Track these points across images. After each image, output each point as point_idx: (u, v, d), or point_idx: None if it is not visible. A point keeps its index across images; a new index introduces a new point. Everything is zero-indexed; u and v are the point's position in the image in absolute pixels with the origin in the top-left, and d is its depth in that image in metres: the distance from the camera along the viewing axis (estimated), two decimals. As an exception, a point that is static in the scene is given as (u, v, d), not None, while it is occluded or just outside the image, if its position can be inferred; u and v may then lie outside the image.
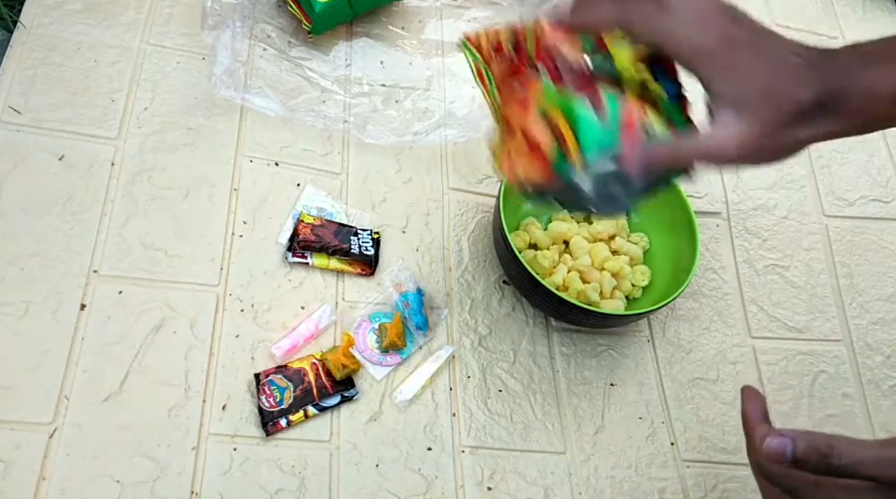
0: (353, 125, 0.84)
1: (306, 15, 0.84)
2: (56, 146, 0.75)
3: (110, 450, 0.63)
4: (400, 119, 0.86)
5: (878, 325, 0.87)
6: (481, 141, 0.86)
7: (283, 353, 0.70)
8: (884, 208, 0.97)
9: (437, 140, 0.85)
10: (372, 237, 0.77)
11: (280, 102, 0.82)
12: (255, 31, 0.88)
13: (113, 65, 0.81)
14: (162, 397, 0.66)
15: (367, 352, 0.72)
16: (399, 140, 0.84)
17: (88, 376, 0.66)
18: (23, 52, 0.79)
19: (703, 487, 0.74)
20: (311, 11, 0.83)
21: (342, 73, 0.88)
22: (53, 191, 0.73)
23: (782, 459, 0.42)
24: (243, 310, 0.72)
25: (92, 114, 0.78)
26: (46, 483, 0.61)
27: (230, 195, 0.77)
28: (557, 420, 0.74)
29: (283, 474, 0.65)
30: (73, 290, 0.69)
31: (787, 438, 0.42)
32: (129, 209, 0.74)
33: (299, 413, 0.67)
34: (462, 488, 0.69)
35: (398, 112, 0.87)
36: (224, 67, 0.79)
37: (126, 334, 0.68)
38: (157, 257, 0.72)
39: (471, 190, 0.85)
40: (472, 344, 0.76)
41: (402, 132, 0.85)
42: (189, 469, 0.64)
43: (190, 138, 0.79)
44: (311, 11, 0.83)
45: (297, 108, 0.83)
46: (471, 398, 0.73)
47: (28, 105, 0.76)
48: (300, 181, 0.80)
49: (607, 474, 0.73)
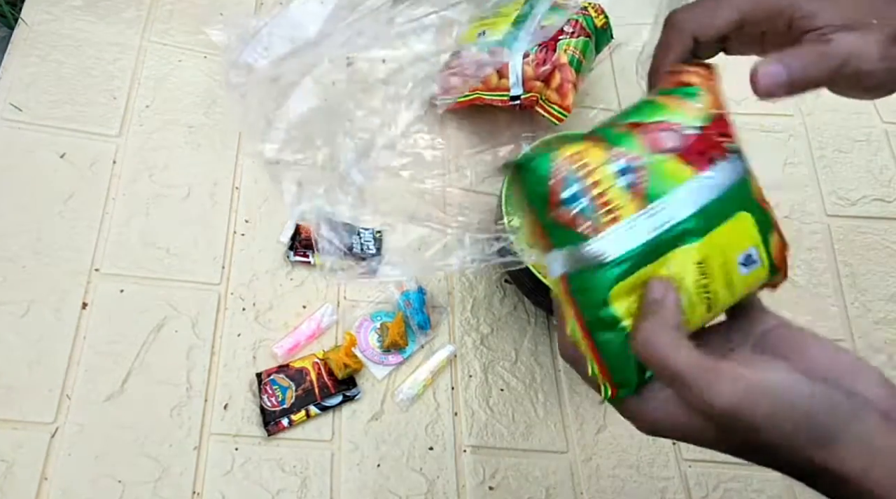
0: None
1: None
2: (57, 144, 0.75)
3: (112, 450, 0.63)
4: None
5: (880, 325, 0.87)
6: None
7: (284, 352, 0.70)
8: (886, 208, 0.97)
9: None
10: (374, 236, 0.77)
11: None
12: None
13: (114, 62, 0.81)
14: (163, 396, 0.66)
15: (369, 351, 0.72)
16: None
17: (90, 375, 0.66)
18: (24, 49, 0.79)
19: (705, 486, 0.74)
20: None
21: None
22: (55, 189, 0.73)
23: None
24: (245, 309, 0.72)
25: (93, 111, 0.77)
26: (48, 483, 0.61)
27: (232, 194, 0.77)
28: (559, 420, 0.74)
29: (284, 474, 0.65)
30: (75, 288, 0.69)
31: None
32: (130, 207, 0.74)
33: (301, 413, 0.67)
34: (463, 487, 0.69)
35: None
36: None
37: (127, 333, 0.68)
38: (159, 256, 0.72)
39: (472, 189, 0.85)
40: (473, 343, 0.76)
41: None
42: (191, 469, 0.64)
43: (191, 137, 0.79)
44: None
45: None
46: (472, 398, 0.73)
47: (29, 102, 0.76)
48: (302, 180, 0.80)
49: (609, 473, 0.73)
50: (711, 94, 0.42)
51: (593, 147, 0.40)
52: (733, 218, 0.41)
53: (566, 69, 0.81)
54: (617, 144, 0.40)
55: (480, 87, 0.83)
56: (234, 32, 0.80)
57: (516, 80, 0.82)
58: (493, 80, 0.83)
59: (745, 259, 0.42)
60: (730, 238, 0.41)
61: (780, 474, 0.35)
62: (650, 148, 0.40)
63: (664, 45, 0.45)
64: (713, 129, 0.41)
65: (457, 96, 0.84)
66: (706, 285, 0.40)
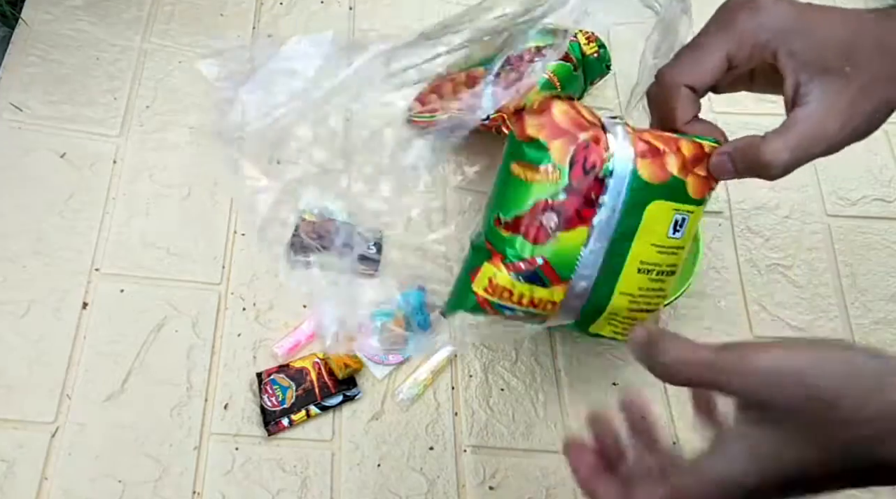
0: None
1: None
2: (57, 144, 0.75)
3: (112, 449, 0.63)
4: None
5: (880, 325, 0.87)
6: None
7: (284, 352, 0.70)
8: (886, 208, 0.97)
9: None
10: (374, 236, 0.77)
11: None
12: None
13: (114, 62, 0.81)
14: (164, 396, 0.66)
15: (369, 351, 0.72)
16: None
17: (90, 375, 0.66)
18: (24, 49, 0.79)
19: (705, 487, 0.74)
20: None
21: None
22: (55, 189, 0.73)
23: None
24: (245, 309, 0.72)
25: (93, 111, 0.78)
26: (48, 483, 0.61)
27: (233, 193, 0.77)
28: (559, 420, 0.74)
29: (284, 474, 0.65)
30: (75, 288, 0.69)
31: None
32: (130, 207, 0.74)
33: (301, 413, 0.67)
34: (464, 487, 0.69)
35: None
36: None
37: (128, 333, 0.68)
38: (159, 256, 0.72)
39: (473, 188, 0.85)
40: (473, 343, 0.76)
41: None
42: (191, 469, 0.64)
43: (192, 137, 0.79)
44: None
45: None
46: (472, 397, 0.73)
47: (29, 102, 0.76)
48: (302, 180, 0.80)
49: (609, 473, 0.73)
50: (555, 137, 0.44)
51: (497, 270, 0.45)
52: (646, 214, 0.44)
53: (534, 91, 0.79)
54: (512, 259, 0.45)
55: (453, 105, 0.82)
56: (226, 68, 0.79)
57: (488, 100, 0.80)
58: (464, 98, 0.82)
59: (675, 228, 0.46)
60: (652, 228, 0.45)
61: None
62: (537, 241, 0.44)
63: (664, 106, 0.46)
64: (576, 175, 0.43)
65: (432, 114, 0.83)
66: (655, 270, 0.45)
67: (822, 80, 0.42)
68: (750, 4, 0.42)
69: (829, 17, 0.41)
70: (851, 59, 0.41)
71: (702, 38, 0.44)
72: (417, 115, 0.83)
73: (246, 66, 0.79)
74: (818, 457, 0.31)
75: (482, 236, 0.47)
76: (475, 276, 0.46)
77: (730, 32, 0.43)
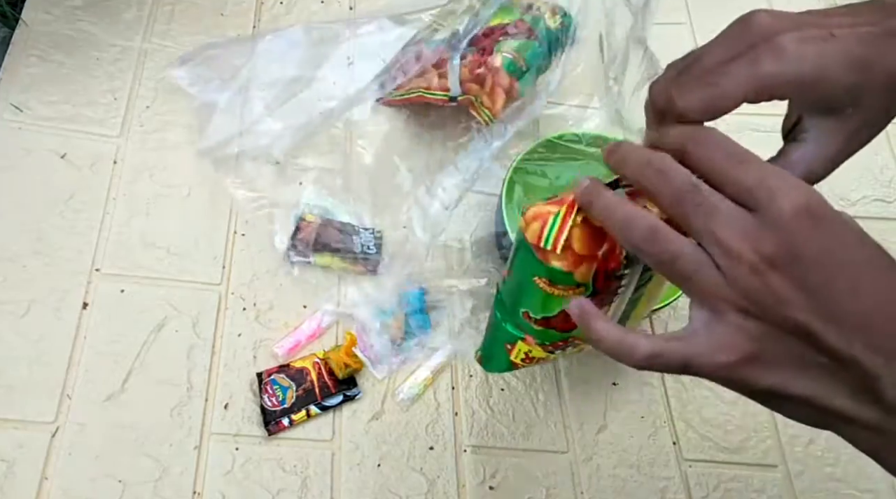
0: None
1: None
2: (58, 144, 0.75)
3: (112, 449, 0.63)
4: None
5: (880, 324, 0.87)
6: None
7: (285, 352, 0.70)
8: (887, 208, 0.97)
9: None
10: (374, 236, 0.77)
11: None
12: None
13: (114, 63, 0.81)
14: (164, 396, 0.66)
15: (369, 351, 0.72)
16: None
17: (90, 374, 0.66)
18: (24, 49, 0.79)
19: (706, 486, 0.74)
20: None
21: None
22: (55, 189, 0.73)
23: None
24: (245, 309, 0.72)
25: (93, 112, 0.78)
26: (48, 483, 0.61)
27: (233, 193, 0.77)
28: (559, 420, 0.74)
29: (284, 474, 0.65)
30: (76, 288, 0.69)
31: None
32: (131, 207, 0.74)
33: (301, 412, 0.67)
34: (464, 487, 0.69)
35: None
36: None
37: (128, 333, 0.68)
38: (159, 256, 0.72)
39: (473, 188, 0.85)
40: (474, 343, 0.76)
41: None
42: (191, 469, 0.64)
43: (192, 136, 0.79)
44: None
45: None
46: (473, 397, 0.73)
47: (29, 102, 0.76)
48: (302, 180, 0.80)
49: (609, 473, 0.73)
50: (578, 266, 0.42)
51: (533, 348, 0.49)
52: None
53: (499, 73, 0.78)
54: (546, 342, 0.48)
55: (423, 85, 0.82)
56: (199, 74, 0.79)
57: (454, 81, 0.80)
58: (434, 79, 0.82)
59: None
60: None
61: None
62: (567, 331, 0.47)
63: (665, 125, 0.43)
64: (601, 283, 0.43)
65: (400, 92, 0.83)
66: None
67: (824, 119, 0.42)
68: (773, 46, 0.40)
69: (847, 57, 0.40)
70: (857, 101, 0.41)
71: (719, 69, 0.40)
72: (392, 93, 0.83)
73: (219, 70, 0.80)
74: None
75: (508, 312, 0.48)
76: (512, 349, 0.49)
77: (751, 75, 0.40)
